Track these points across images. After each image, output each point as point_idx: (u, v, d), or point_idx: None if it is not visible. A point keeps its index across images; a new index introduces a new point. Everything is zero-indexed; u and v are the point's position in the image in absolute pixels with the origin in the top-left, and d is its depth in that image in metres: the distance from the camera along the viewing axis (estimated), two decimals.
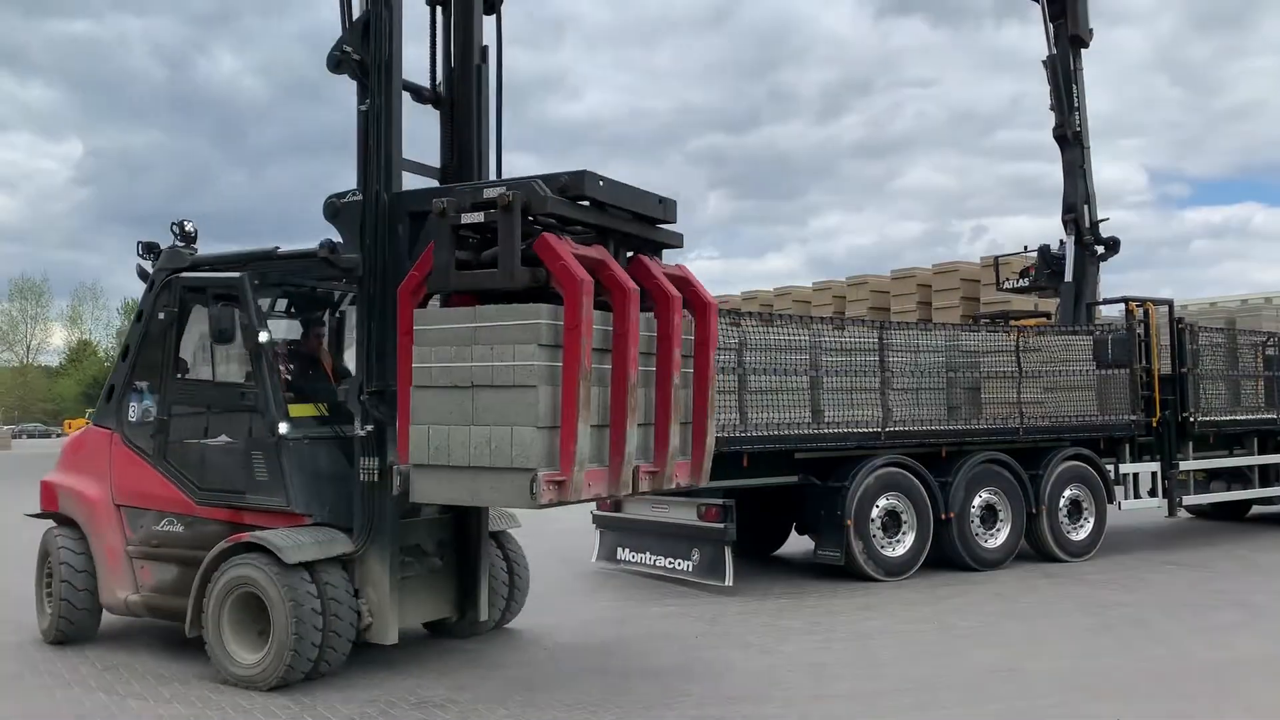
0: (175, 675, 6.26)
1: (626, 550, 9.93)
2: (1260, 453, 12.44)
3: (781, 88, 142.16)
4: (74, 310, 73.49)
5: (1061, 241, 14.22)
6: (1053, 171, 14.26)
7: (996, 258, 17.59)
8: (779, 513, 10.49)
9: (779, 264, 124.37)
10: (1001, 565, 10.00)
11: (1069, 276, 13.87)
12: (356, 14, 6.30)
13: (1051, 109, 13.92)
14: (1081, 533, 10.64)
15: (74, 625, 7.02)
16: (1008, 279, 16.80)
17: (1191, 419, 11.48)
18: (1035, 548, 10.42)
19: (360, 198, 6.15)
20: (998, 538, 10.12)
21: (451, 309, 5.74)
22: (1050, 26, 13.91)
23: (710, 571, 8.91)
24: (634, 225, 5.94)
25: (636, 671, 6.38)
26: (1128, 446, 11.21)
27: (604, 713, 5.50)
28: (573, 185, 5.51)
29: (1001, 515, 10.15)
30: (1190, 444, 11.64)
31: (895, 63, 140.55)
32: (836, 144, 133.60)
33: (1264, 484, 12.55)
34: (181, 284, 6.96)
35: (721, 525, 8.75)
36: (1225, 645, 6.87)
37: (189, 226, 7.12)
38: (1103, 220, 13.86)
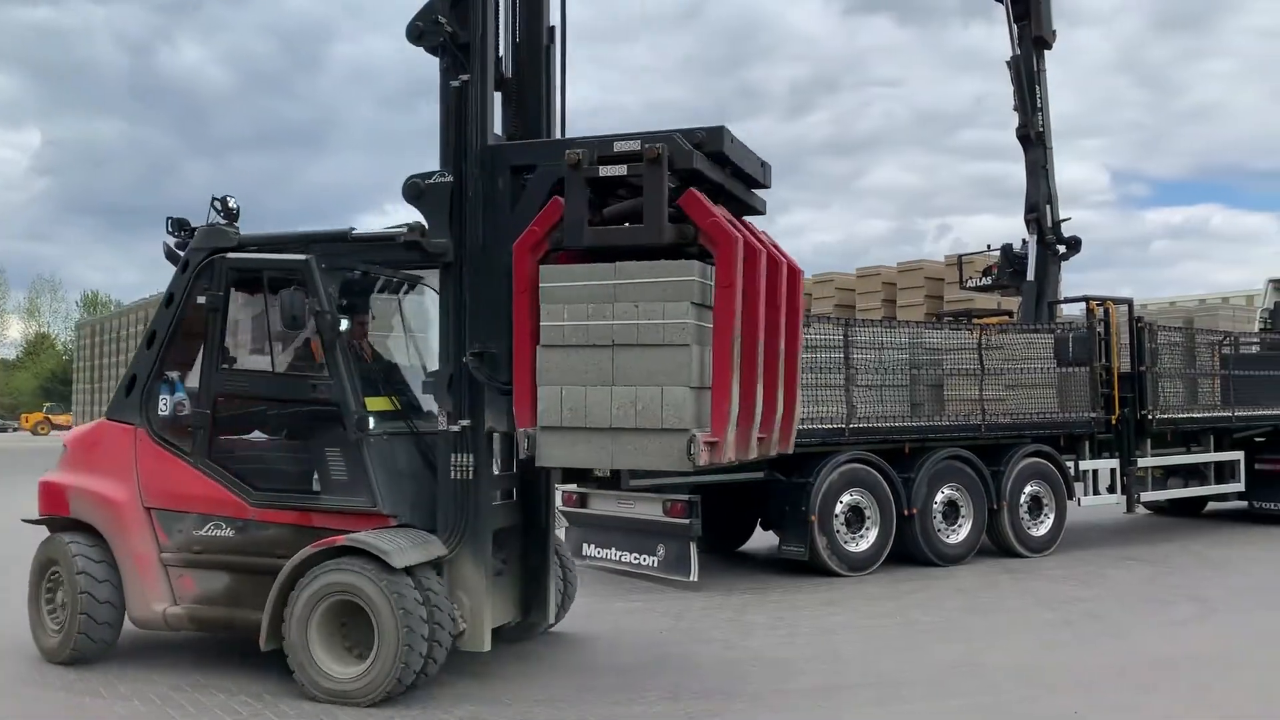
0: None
1: (592, 545, 9.93)
2: (1216, 450, 12.67)
3: (750, 85, 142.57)
4: (31, 303, 72.26)
5: (1024, 240, 14.38)
6: (1016, 171, 14.50)
7: (960, 256, 17.74)
8: (744, 508, 10.52)
9: None
10: (963, 561, 10.11)
11: (1031, 275, 14.05)
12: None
13: (1015, 109, 14.06)
14: (1042, 528, 10.77)
15: (94, 643, 6.22)
16: (971, 278, 16.96)
17: (1150, 417, 11.65)
18: (996, 543, 10.54)
19: (449, 179, 5.82)
20: (959, 533, 10.23)
21: (587, 266, 5.45)
22: (1014, 27, 14.05)
23: (676, 567, 8.93)
24: (739, 187, 5.80)
25: (601, 667, 6.39)
26: (1087, 444, 11.37)
27: (568, 708, 5.50)
28: (709, 141, 5.34)
29: (963, 511, 10.26)
30: (1148, 441, 11.82)
31: (862, 61, 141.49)
32: (804, 141, 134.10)
33: (1219, 481, 12.79)
34: (229, 266, 6.23)
35: (687, 521, 8.77)
36: (1180, 639, 6.99)
37: (231, 203, 6.42)
38: (1064, 220, 14.05)
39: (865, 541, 9.61)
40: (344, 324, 5.94)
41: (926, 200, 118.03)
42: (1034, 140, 13.99)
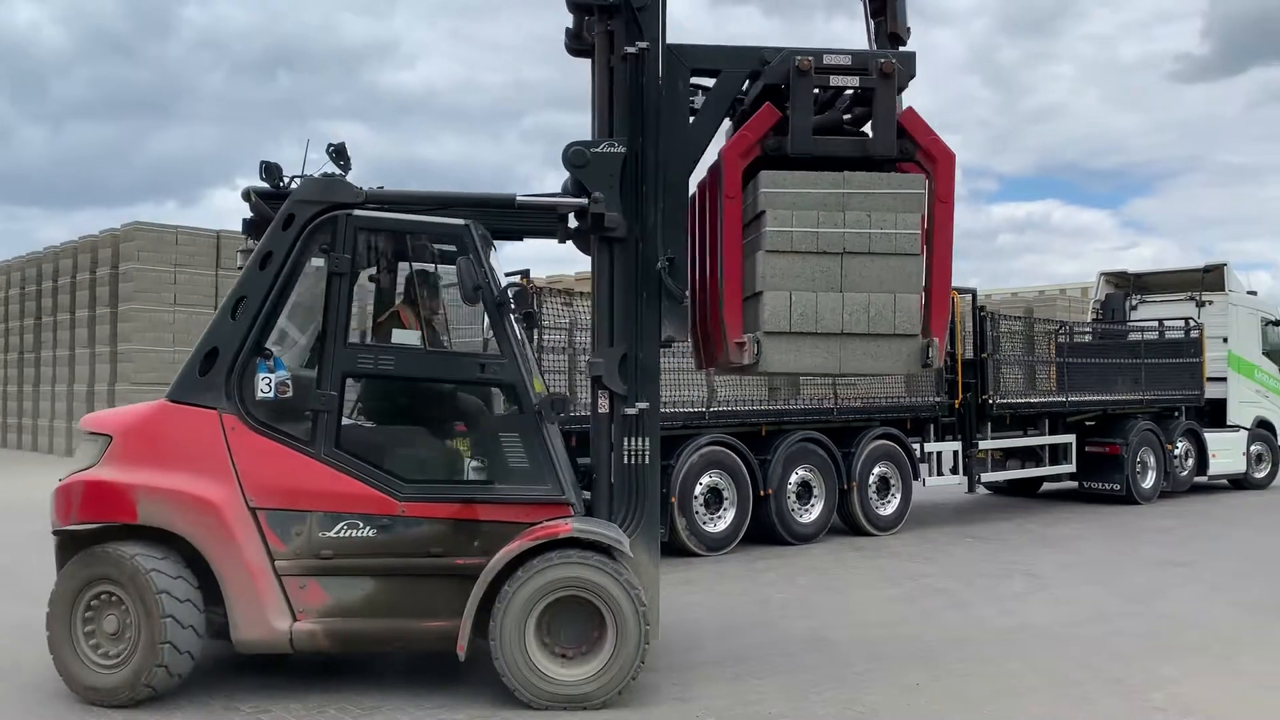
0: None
1: None
2: (1051, 433, 13.43)
3: None
4: None
5: None
6: None
7: None
8: None
9: None
10: (815, 539, 10.44)
11: None
12: None
13: None
14: (889, 508, 11.21)
15: (171, 677, 5.08)
16: None
17: (990, 401, 12.26)
18: (847, 522, 10.93)
19: (620, 149, 5.52)
20: (812, 513, 10.55)
21: (814, 174, 5.55)
22: (871, 23, 14.43)
23: None
24: None
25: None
26: (932, 427, 11.88)
27: (395, 697, 5.41)
28: (907, 67, 5.72)
29: (816, 491, 10.58)
30: (989, 425, 12.44)
31: None
32: None
33: (1053, 462, 13.59)
34: (357, 225, 5.38)
35: None
36: (1015, 612, 7.38)
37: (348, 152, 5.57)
38: None
39: (723, 522, 9.81)
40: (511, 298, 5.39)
41: None
42: None
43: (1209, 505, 14.06)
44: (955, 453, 12.09)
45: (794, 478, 10.38)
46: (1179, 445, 14.78)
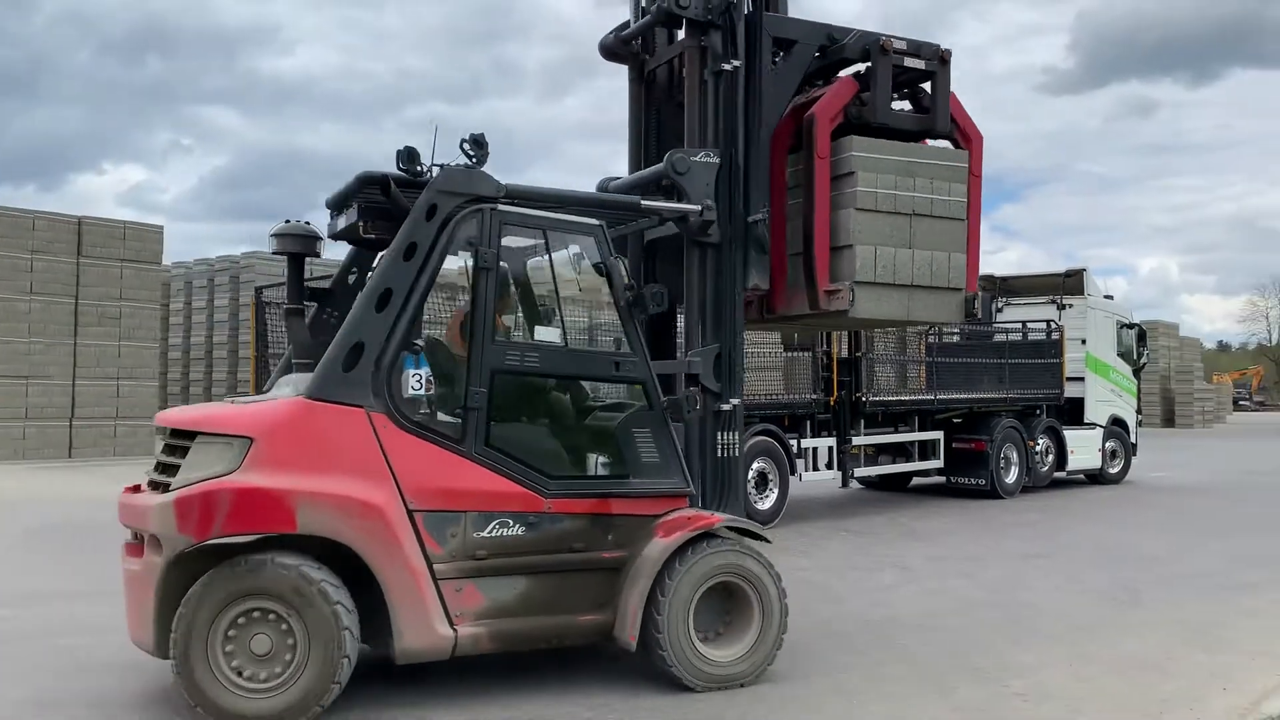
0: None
1: None
2: (920, 430, 13.88)
3: (505, 61, 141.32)
4: None
5: None
6: None
7: None
8: None
9: None
10: (769, 525, 10.52)
11: None
12: None
13: None
14: (767, 502, 11.40)
15: (339, 687, 4.75)
16: None
17: (864, 399, 12.60)
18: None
19: (715, 160, 5.93)
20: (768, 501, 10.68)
21: (892, 142, 6.58)
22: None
23: None
24: None
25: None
26: (808, 423, 12.15)
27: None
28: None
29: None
30: (862, 422, 12.79)
31: None
32: (559, 123, 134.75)
33: (923, 458, 14.05)
34: (501, 220, 5.24)
35: None
36: (886, 604, 7.59)
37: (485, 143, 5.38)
38: None
39: None
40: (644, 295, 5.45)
41: None
42: None
43: (1067, 500, 14.75)
44: (830, 448, 12.38)
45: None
46: (1040, 442, 15.47)
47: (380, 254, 5.51)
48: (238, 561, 4.64)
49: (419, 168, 5.26)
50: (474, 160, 5.27)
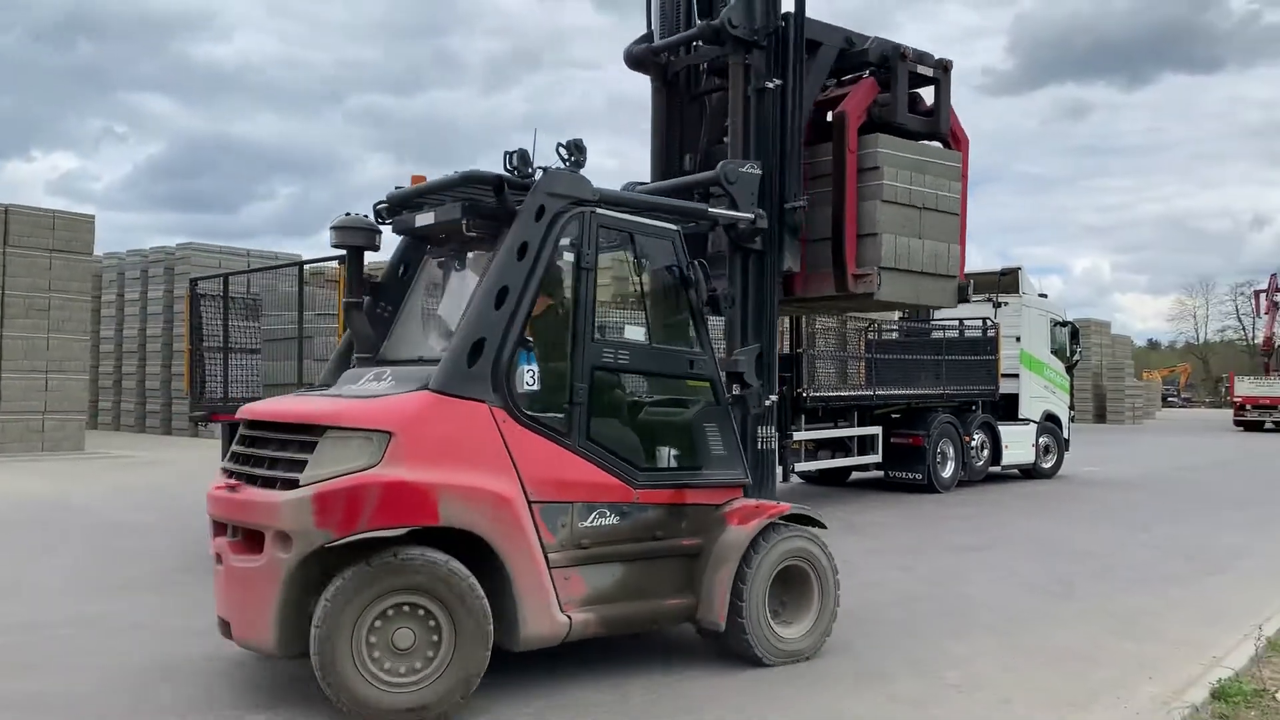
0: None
1: None
2: (860, 425, 14.05)
3: (448, 53, 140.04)
4: None
5: None
6: None
7: None
8: None
9: None
10: None
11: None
12: None
13: None
14: None
15: (478, 680, 4.80)
16: None
17: (805, 395, 12.71)
18: None
19: (758, 170, 6.36)
20: None
21: (906, 141, 7.57)
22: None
23: None
24: None
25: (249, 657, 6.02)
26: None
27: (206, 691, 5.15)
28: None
29: None
30: (803, 417, 12.90)
31: (562, 41, 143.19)
32: (502, 116, 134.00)
33: (862, 453, 14.22)
34: (599, 222, 5.44)
35: None
36: None
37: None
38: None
39: None
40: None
41: (621, 183, 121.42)
42: None
43: (1002, 494, 15.04)
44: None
45: None
46: (976, 437, 15.75)
47: (429, 249, 5.93)
48: (386, 556, 4.60)
49: (529, 170, 5.42)
50: (574, 164, 5.54)
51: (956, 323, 16.75)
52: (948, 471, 14.99)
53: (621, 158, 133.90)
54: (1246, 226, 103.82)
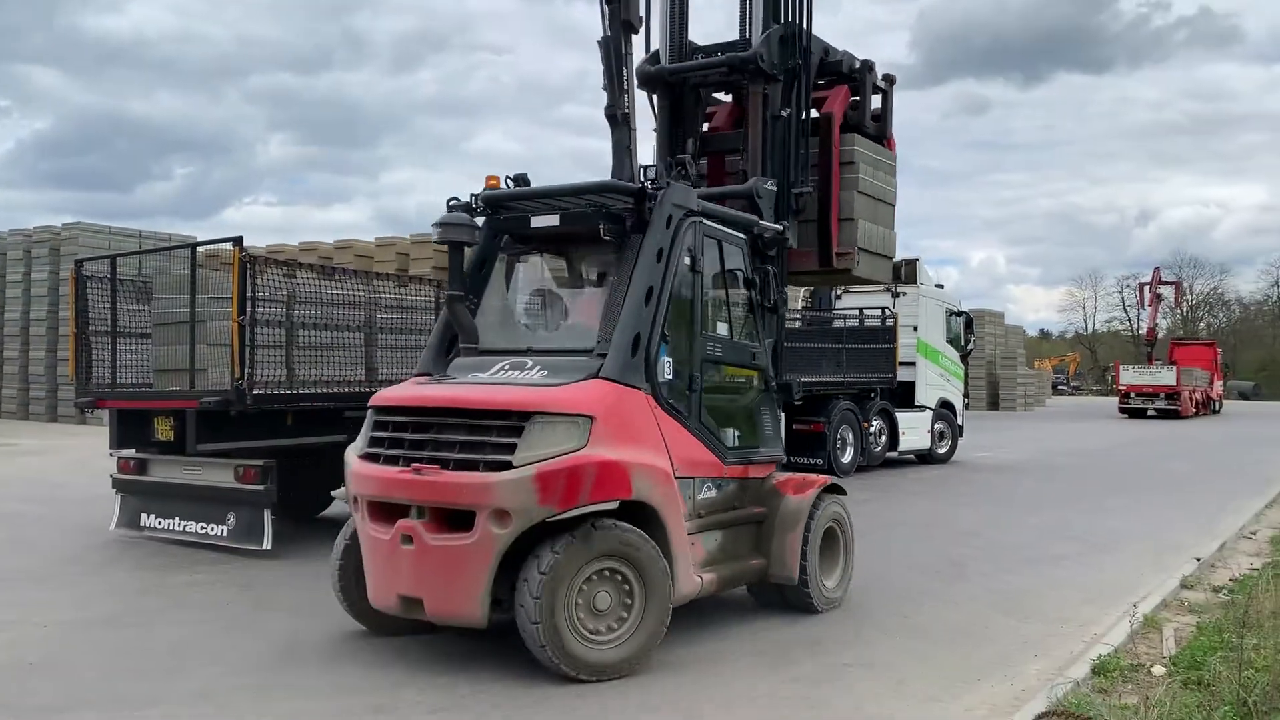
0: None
1: (152, 516, 9.10)
2: None
3: (354, 32, 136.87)
4: None
5: None
6: (608, 148, 15.09)
7: None
8: (327, 473, 10.14)
9: (347, 216, 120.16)
10: None
11: None
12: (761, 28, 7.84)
13: (605, 88, 14.70)
14: None
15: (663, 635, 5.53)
16: None
17: None
18: None
19: (774, 187, 7.57)
20: None
21: (870, 141, 9.11)
22: (606, 8, 14.65)
23: (247, 535, 8.44)
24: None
25: (149, 648, 5.86)
26: None
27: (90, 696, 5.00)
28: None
29: None
30: None
31: (472, 24, 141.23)
32: (409, 98, 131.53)
33: None
34: (703, 231, 6.22)
35: (261, 487, 8.31)
36: None
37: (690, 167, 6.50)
38: None
39: None
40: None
41: (531, 169, 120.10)
42: (620, 120, 14.66)
43: (898, 479, 15.45)
44: None
45: None
46: (874, 424, 16.14)
47: (506, 248, 6.44)
48: (590, 528, 5.18)
49: (663, 182, 6.00)
50: (688, 179, 6.25)
51: (856, 312, 17.11)
52: (847, 457, 15.33)
53: (529, 142, 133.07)
54: (1133, 222, 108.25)
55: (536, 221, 6.16)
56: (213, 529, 8.65)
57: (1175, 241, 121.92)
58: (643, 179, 6.05)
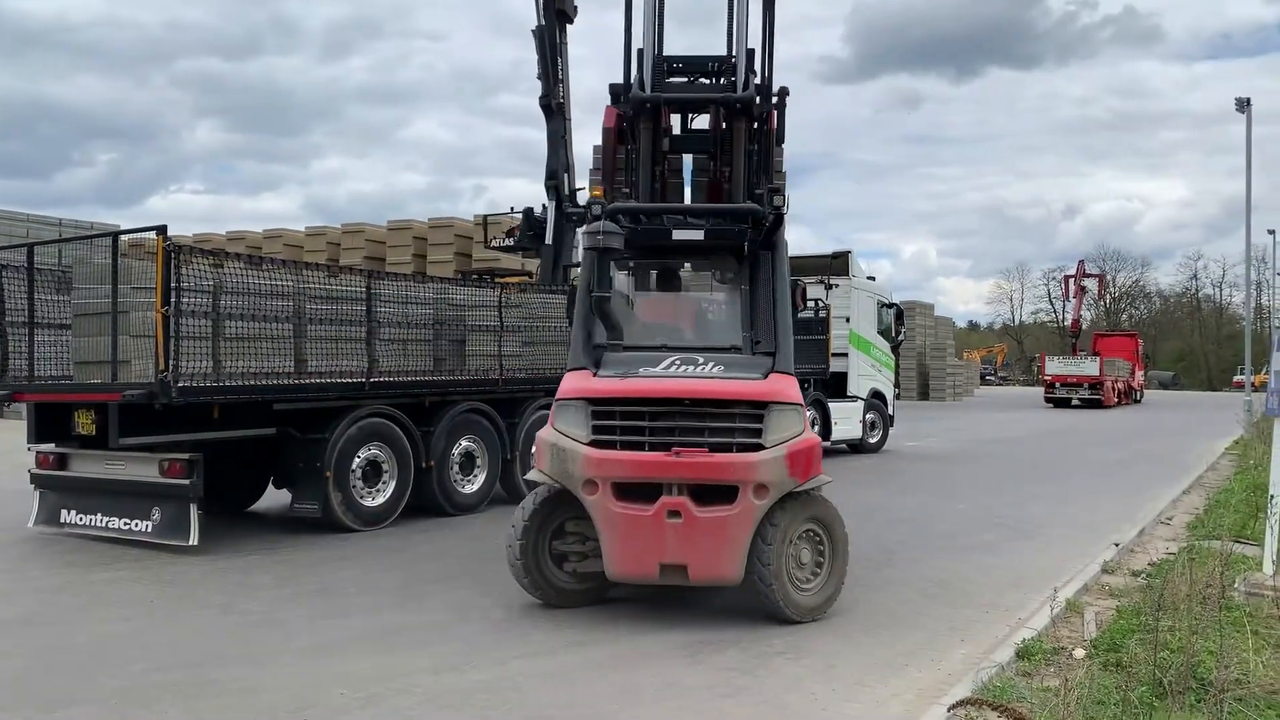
0: None
1: (73, 512, 8.87)
2: None
3: (284, 17, 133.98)
4: None
5: (544, 206, 15.09)
6: (544, 138, 15.04)
7: (485, 217, 18.17)
8: (255, 466, 9.99)
9: (276, 205, 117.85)
10: (478, 509, 10.49)
11: (549, 239, 14.80)
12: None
13: (539, 78, 14.64)
14: (472, 486, 10.91)
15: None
16: (495, 238, 17.47)
17: None
18: (507, 490, 11.05)
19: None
20: (475, 483, 10.59)
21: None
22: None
23: (172, 531, 8.25)
24: None
25: (69, 646, 5.71)
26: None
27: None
28: None
29: (480, 462, 10.63)
30: None
31: (406, 11, 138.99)
32: (341, 85, 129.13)
33: None
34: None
35: (187, 481, 8.14)
36: None
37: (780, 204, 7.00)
38: (580, 189, 14.94)
39: (382, 496, 9.59)
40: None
41: (465, 159, 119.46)
42: (555, 110, 14.64)
43: (831, 468, 15.55)
44: None
45: (458, 448, 10.37)
46: (807, 413, 16.28)
47: (624, 257, 7.11)
48: (805, 495, 6.37)
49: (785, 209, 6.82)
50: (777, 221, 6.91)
51: None
52: None
53: (464, 132, 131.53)
54: (1059, 215, 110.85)
55: (679, 234, 6.98)
56: (136, 525, 8.45)
57: (1099, 235, 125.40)
58: (772, 204, 6.76)
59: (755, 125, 7.38)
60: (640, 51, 7.46)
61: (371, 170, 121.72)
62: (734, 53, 7.96)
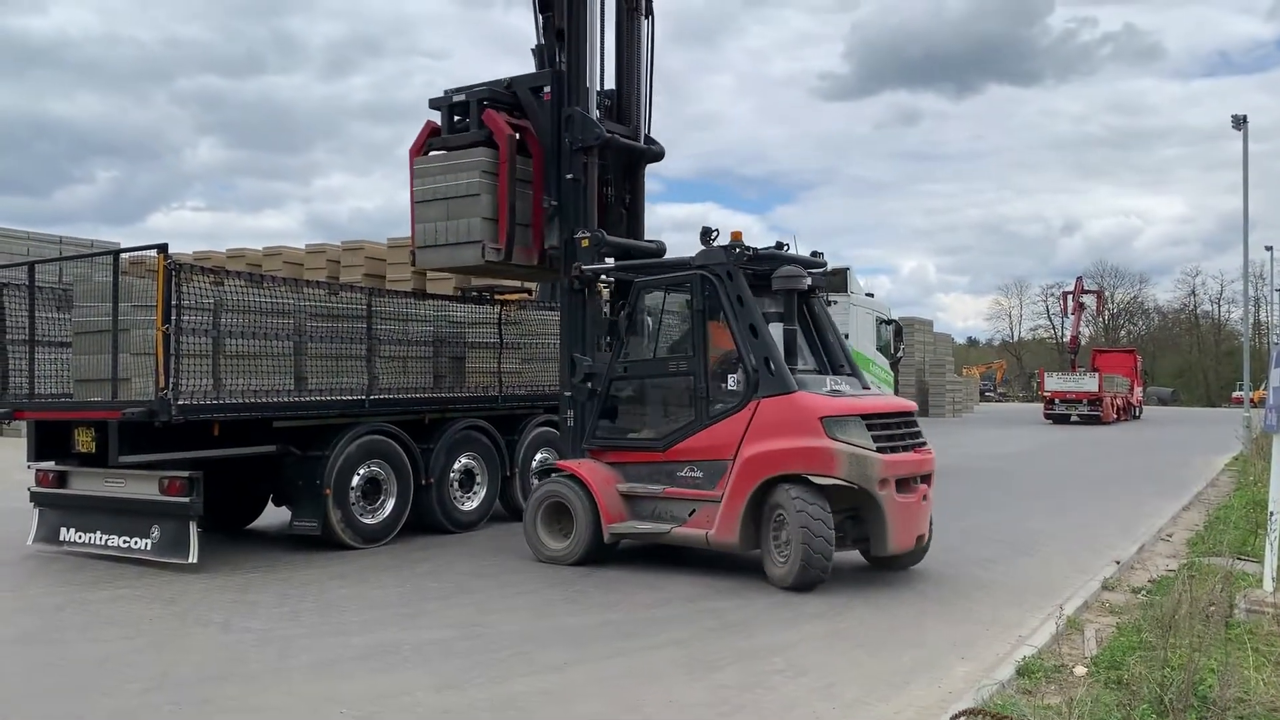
0: None
1: (72, 530, 8.86)
2: None
3: (286, 35, 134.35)
4: None
5: None
6: None
7: None
8: (255, 484, 9.98)
9: (278, 222, 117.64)
10: (477, 526, 10.48)
11: None
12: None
13: None
14: (472, 502, 10.77)
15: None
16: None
17: None
18: (509, 508, 11.04)
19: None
20: (475, 500, 10.58)
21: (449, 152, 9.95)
22: (539, 17, 14.65)
23: (172, 549, 8.24)
24: None
25: (68, 666, 5.70)
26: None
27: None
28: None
29: (479, 479, 10.63)
30: None
31: (408, 29, 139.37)
32: (344, 103, 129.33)
33: None
34: None
35: (186, 499, 8.13)
36: (659, 588, 7.80)
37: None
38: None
39: (382, 513, 9.59)
40: None
41: None
42: None
43: None
44: None
45: (457, 465, 10.36)
46: None
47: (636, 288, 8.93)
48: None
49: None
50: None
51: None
52: None
53: None
54: (1057, 232, 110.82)
55: (799, 283, 8.48)
56: (136, 543, 8.43)
57: (1098, 251, 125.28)
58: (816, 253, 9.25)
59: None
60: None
61: (374, 187, 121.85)
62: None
